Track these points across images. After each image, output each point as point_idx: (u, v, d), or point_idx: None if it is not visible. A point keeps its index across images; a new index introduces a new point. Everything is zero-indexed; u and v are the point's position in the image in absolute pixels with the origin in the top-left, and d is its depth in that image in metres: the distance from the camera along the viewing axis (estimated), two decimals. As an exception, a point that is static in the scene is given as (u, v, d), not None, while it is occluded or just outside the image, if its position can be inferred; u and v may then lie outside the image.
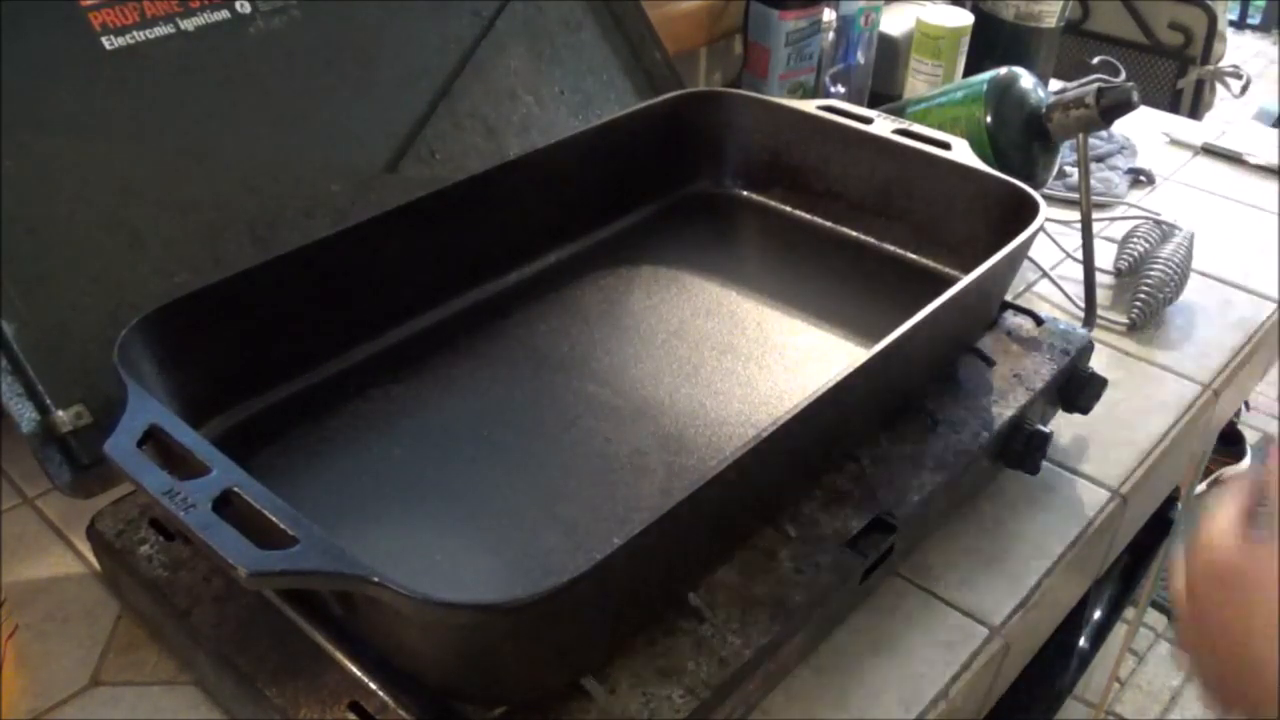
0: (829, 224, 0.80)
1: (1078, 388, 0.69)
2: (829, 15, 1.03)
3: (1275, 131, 1.04)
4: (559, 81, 0.84)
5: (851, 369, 0.52)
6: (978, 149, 0.74)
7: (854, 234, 0.79)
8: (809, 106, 0.77)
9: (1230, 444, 2.14)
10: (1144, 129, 1.13)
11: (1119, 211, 0.97)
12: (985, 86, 0.86)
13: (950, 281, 0.59)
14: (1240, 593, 0.41)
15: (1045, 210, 0.64)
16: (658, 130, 0.79)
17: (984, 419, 0.63)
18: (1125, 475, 0.70)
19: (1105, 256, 0.91)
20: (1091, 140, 0.94)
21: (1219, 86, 1.51)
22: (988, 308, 0.71)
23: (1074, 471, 0.70)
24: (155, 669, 0.56)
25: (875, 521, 0.57)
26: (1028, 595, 0.62)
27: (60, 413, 0.58)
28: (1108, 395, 0.71)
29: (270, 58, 0.70)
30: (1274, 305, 0.89)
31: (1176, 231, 0.91)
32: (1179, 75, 1.53)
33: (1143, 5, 1.17)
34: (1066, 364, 0.68)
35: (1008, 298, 0.72)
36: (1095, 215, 0.88)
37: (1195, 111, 1.59)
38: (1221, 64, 1.48)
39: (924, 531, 0.61)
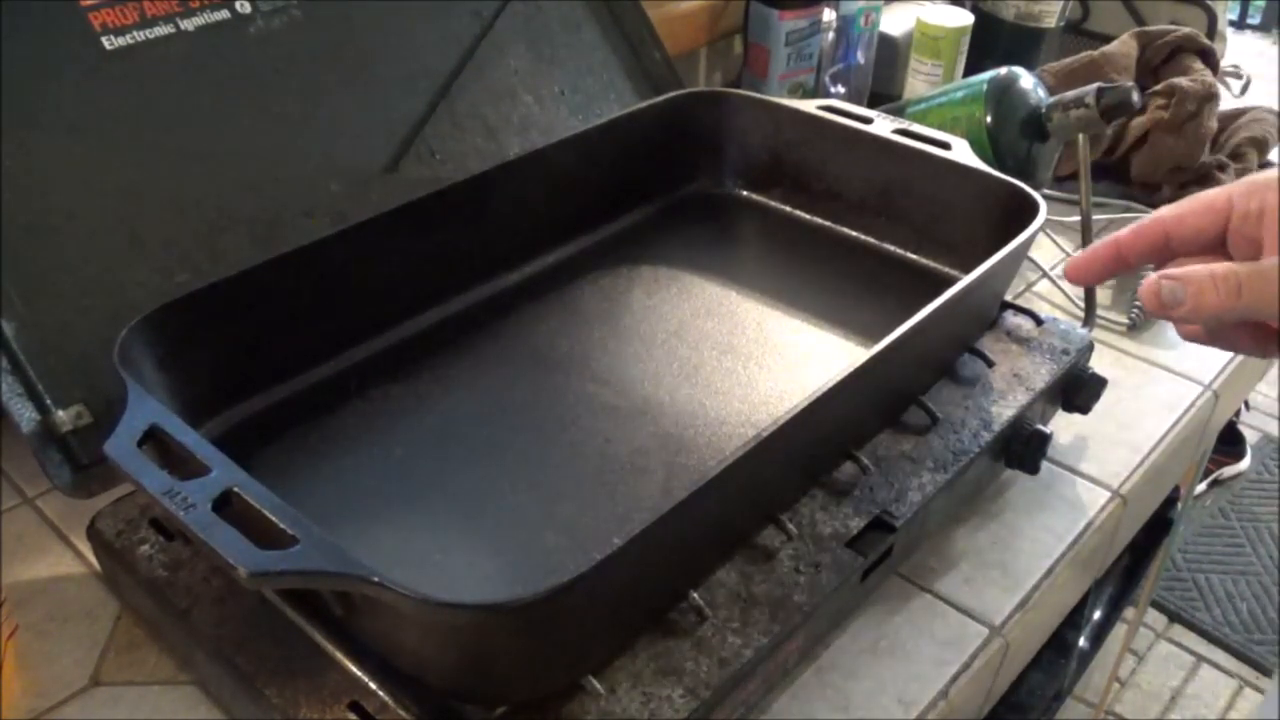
0: (829, 224, 0.80)
1: (1078, 388, 0.69)
2: (829, 15, 1.03)
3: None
4: (559, 81, 0.84)
5: (851, 369, 0.52)
6: (978, 149, 0.74)
7: (854, 234, 0.79)
8: (809, 106, 0.77)
9: (1230, 444, 2.14)
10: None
11: (1119, 212, 0.97)
12: (985, 86, 0.86)
13: (950, 281, 0.59)
14: None
15: (1045, 210, 0.64)
16: (658, 130, 0.79)
17: (984, 419, 0.63)
18: (1125, 475, 0.70)
19: (1105, 256, 0.91)
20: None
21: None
22: (988, 308, 0.71)
23: (1074, 471, 0.70)
24: (155, 669, 0.56)
25: (875, 521, 0.57)
26: (1028, 595, 0.62)
27: (60, 413, 0.58)
28: (1108, 395, 0.71)
29: (270, 58, 0.70)
30: (1274, 305, 0.88)
31: (1176, 231, 0.91)
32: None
33: (1143, 5, 1.17)
34: (1066, 364, 0.68)
35: (1008, 298, 0.72)
36: (1095, 215, 0.88)
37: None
38: (1221, 64, 1.48)
39: (924, 531, 0.61)
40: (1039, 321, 0.71)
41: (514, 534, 0.56)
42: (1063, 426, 0.72)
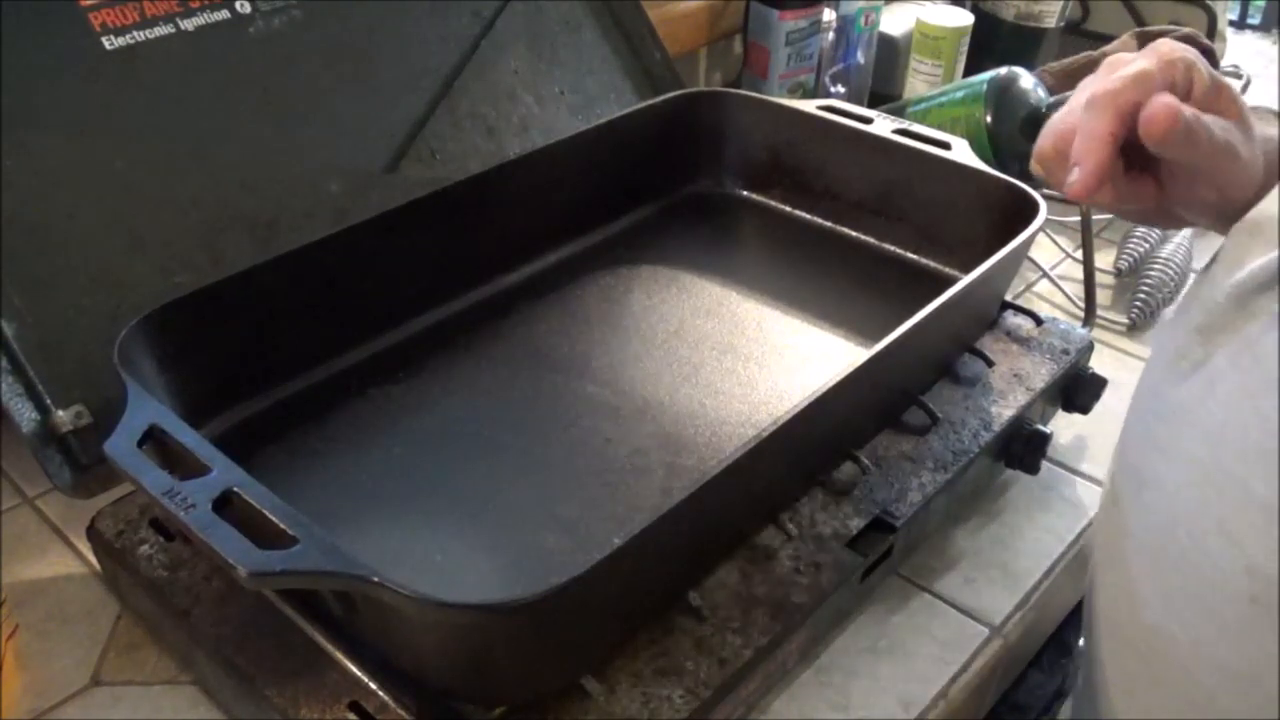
0: (829, 224, 0.80)
1: (1078, 388, 0.69)
2: (829, 15, 1.03)
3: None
4: (559, 81, 0.84)
5: (851, 369, 0.52)
6: (978, 149, 0.74)
7: (854, 234, 0.79)
8: (809, 106, 0.77)
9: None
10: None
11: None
12: (985, 86, 0.86)
13: (950, 281, 0.59)
14: None
15: (1045, 210, 0.64)
16: (658, 130, 0.79)
17: (984, 419, 0.63)
18: (1125, 475, 0.70)
19: (1105, 256, 0.91)
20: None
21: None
22: (988, 308, 0.71)
23: (1074, 471, 0.70)
24: (155, 669, 0.56)
25: (875, 521, 0.57)
26: (1027, 595, 0.62)
27: (60, 413, 0.58)
28: (1108, 395, 0.71)
29: (270, 58, 0.70)
30: (1274, 305, 0.88)
31: (1176, 231, 0.91)
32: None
33: (1143, 5, 1.17)
34: (1066, 364, 0.68)
35: (1008, 298, 0.72)
36: (1095, 215, 0.88)
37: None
38: (1221, 64, 1.48)
39: (924, 531, 0.61)
40: (1039, 321, 0.71)
41: (514, 534, 0.56)
42: (1063, 426, 0.72)
